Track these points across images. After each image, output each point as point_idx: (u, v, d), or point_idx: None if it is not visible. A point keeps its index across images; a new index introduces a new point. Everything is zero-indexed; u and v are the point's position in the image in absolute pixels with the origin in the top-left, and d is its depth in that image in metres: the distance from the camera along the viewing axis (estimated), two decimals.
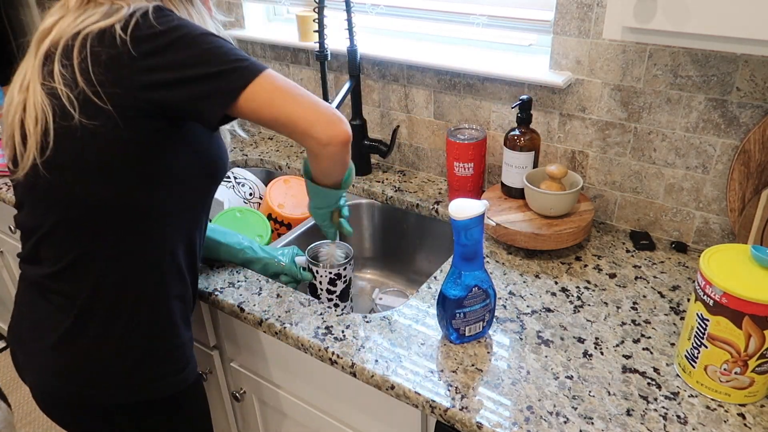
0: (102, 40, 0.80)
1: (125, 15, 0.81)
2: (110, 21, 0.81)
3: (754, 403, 0.86)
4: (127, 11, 0.81)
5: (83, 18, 0.83)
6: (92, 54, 0.80)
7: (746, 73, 1.05)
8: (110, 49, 0.80)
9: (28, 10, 2.27)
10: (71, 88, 0.81)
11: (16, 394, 2.13)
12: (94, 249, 0.88)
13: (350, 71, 1.44)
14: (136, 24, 0.80)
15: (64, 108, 0.81)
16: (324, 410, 1.14)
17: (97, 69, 0.80)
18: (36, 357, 0.94)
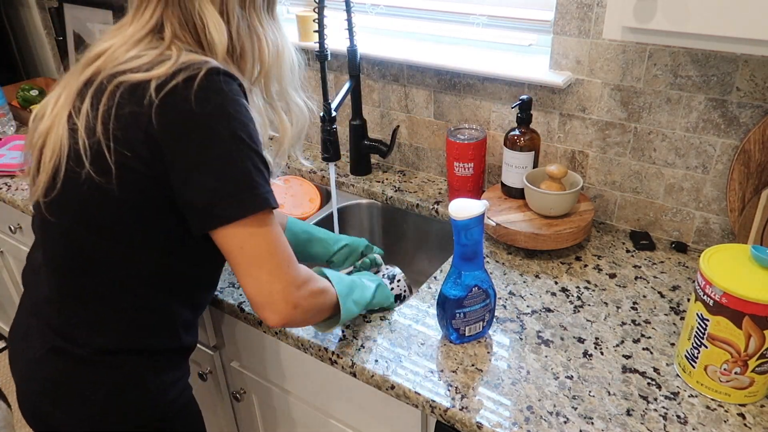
0: (133, 93, 0.75)
1: (167, 71, 0.74)
2: (150, 74, 0.75)
3: (754, 403, 0.86)
4: (171, 65, 0.75)
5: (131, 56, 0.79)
6: (118, 105, 0.76)
7: (746, 73, 1.05)
8: (135, 106, 0.75)
9: (28, 10, 2.27)
10: (89, 135, 0.77)
11: None
12: (88, 294, 0.86)
13: (350, 71, 1.44)
14: (173, 89, 0.74)
15: (78, 153, 0.77)
16: (324, 410, 1.14)
17: (116, 123, 0.76)
18: (20, 363, 0.93)
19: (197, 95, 0.74)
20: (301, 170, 1.62)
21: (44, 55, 2.34)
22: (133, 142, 0.75)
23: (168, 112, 0.74)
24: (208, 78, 0.75)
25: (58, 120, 0.80)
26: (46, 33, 2.26)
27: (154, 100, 0.74)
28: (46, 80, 2.18)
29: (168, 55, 0.77)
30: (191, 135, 0.75)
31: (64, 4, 2.05)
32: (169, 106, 0.74)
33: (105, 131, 0.76)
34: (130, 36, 0.82)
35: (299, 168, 1.63)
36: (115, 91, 0.76)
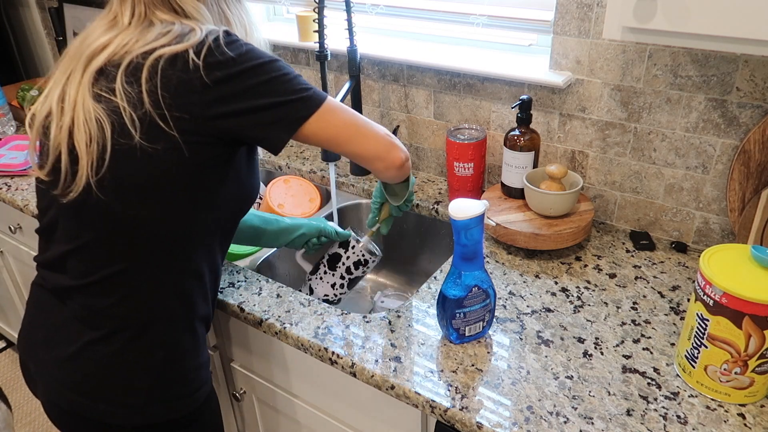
0: (174, 64, 0.81)
1: (198, 39, 0.82)
2: (185, 45, 0.81)
3: (754, 403, 0.86)
4: (200, 35, 0.83)
5: (151, 38, 0.83)
6: (163, 77, 0.80)
7: (746, 73, 1.05)
8: (182, 73, 0.80)
9: (28, 10, 2.27)
10: (135, 108, 0.80)
11: (16, 395, 2.13)
12: (127, 268, 0.87)
13: (350, 71, 1.44)
14: (209, 50, 0.81)
15: (124, 126, 0.80)
16: (324, 410, 1.14)
17: (166, 93, 0.80)
18: (48, 366, 0.92)
19: (229, 47, 0.83)
20: (301, 170, 1.62)
21: (44, 55, 2.34)
22: (190, 105, 0.81)
23: (214, 68, 0.81)
24: (227, 34, 0.85)
25: (81, 106, 0.82)
26: (46, 33, 2.26)
27: (199, 63, 0.80)
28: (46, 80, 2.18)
29: (191, 27, 0.84)
30: (243, 74, 0.83)
31: (64, 4, 2.05)
32: (212, 63, 0.81)
33: (155, 102, 0.80)
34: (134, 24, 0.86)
35: (299, 168, 1.63)
36: (155, 64, 0.81)
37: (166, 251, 0.89)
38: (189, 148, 0.83)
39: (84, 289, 0.89)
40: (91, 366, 0.89)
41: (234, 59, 0.82)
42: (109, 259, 0.87)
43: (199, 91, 0.81)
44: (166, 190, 0.84)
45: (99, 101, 0.82)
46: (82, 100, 0.82)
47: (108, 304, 0.88)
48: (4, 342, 2.37)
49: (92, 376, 0.89)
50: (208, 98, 0.81)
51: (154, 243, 0.87)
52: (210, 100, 0.82)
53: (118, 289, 0.88)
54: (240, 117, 0.84)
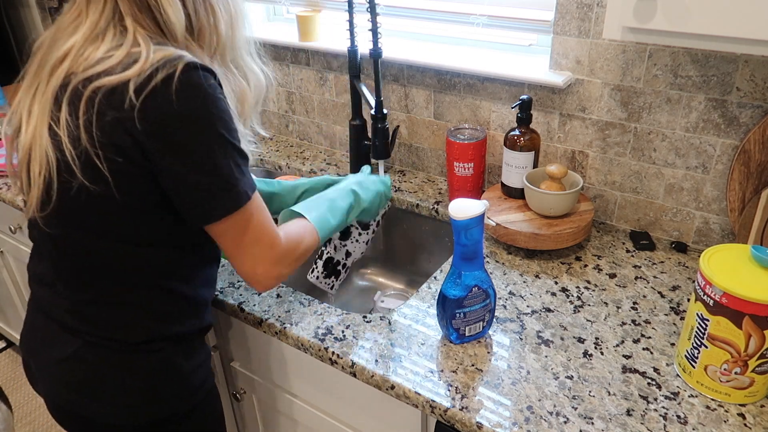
0: (111, 98, 0.74)
1: (145, 70, 0.74)
2: (126, 75, 0.74)
3: (754, 403, 0.86)
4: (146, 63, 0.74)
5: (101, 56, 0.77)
6: (98, 112, 0.75)
7: (746, 73, 1.05)
8: (117, 111, 0.74)
9: (28, 10, 2.27)
10: (75, 145, 0.76)
11: (16, 395, 2.13)
12: (106, 298, 0.87)
13: (350, 71, 1.44)
14: (153, 91, 0.73)
15: (68, 164, 0.77)
16: (324, 410, 1.14)
17: (100, 131, 0.75)
18: (48, 366, 0.93)
19: (178, 94, 0.74)
20: (301, 170, 1.62)
21: None
22: (122, 147, 0.76)
23: (150, 115, 0.74)
24: (186, 75, 0.74)
25: (39, 132, 0.79)
26: None
27: (135, 104, 0.73)
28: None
29: (137, 53, 0.76)
30: (176, 135, 0.76)
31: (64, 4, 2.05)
32: (150, 108, 0.74)
33: (90, 139, 0.75)
34: (92, 29, 0.79)
35: (299, 168, 1.63)
36: (93, 96, 0.75)
37: (137, 280, 0.87)
38: (123, 191, 0.78)
39: (77, 312, 0.89)
40: (88, 368, 0.90)
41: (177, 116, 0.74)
42: (89, 288, 0.87)
43: (129, 134, 0.75)
44: (119, 229, 0.82)
45: (50, 131, 0.78)
46: (39, 127, 0.79)
47: (102, 326, 0.88)
48: (4, 342, 2.37)
49: (89, 377, 0.90)
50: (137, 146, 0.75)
51: (123, 273, 0.86)
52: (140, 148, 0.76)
53: (105, 315, 0.88)
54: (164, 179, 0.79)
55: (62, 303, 0.90)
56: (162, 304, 0.90)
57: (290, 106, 1.74)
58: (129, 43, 0.77)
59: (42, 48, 0.85)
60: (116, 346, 0.89)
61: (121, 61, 0.76)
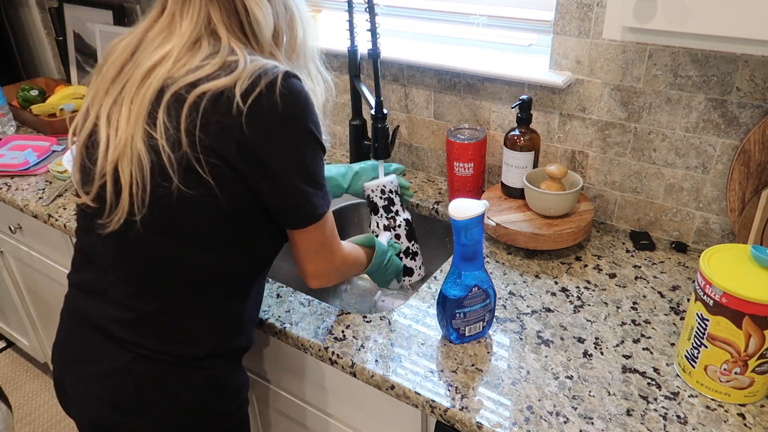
0: (217, 104, 0.75)
1: (247, 76, 0.75)
2: (230, 80, 0.75)
3: (754, 403, 0.86)
4: (246, 69, 0.75)
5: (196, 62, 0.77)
6: (203, 117, 0.75)
7: (746, 73, 1.05)
8: (223, 117, 0.75)
9: (28, 10, 2.27)
10: (174, 149, 0.75)
11: (16, 395, 2.13)
12: (170, 306, 0.86)
13: (350, 71, 1.44)
14: (259, 97, 0.75)
15: (164, 168, 0.76)
16: (324, 410, 1.14)
17: (204, 135, 0.75)
18: (86, 381, 0.89)
19: (282, 100, 0.76)
20: None
21: (44, 55, 2.34)
22: (226, 151, 0.76)
23: (258, 120, 0.76)
24: (286, 81, 0.77)
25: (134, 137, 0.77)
26: (46, 33, 2.26)
27: (243, 109, 0.74)
28: (46, 80, 2.18)
29: (235, 61, 0.77)
30: (282, 140, 0.78)
31: (64, 4, 2.05)
32: (257, 114, 0.75)
33: (192, 143, 0.75)
34: (188, 37, 0.79)
35: None
36: (198, 102, 0.75)
37: (209, 291, 0.87)
38: (225, 196, 0.78)
39: (127, 317, 0.86)
40: (134, 384, 0.87)
41: (282, 120, 0.77)
42: (150, 294, 0.85)
43: (236, 140, 0.75)
44: (206, 236, 0.82)
45: (145, 135, 0.77)
46: (131, 135, 0.77)
47: (155, 332, 0.86)
48: (4, 342, 2.37)
49: (135, 394, 0.87)
50: (242, 152, 0.76)
51: (197, 283, 0.85)
52: (244, 154, 0.76)
53: (164, 327, 0.86)
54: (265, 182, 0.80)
55: (113, 314, 0.86)
56: (223, 318, 0.90)
57: None
58: (226, 51, 0.79)
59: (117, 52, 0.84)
60: (170, 360, 0.87)
61: (220, 68, 0.77)
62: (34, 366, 2.26)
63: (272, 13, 0.82)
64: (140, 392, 0.87)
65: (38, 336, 2.05)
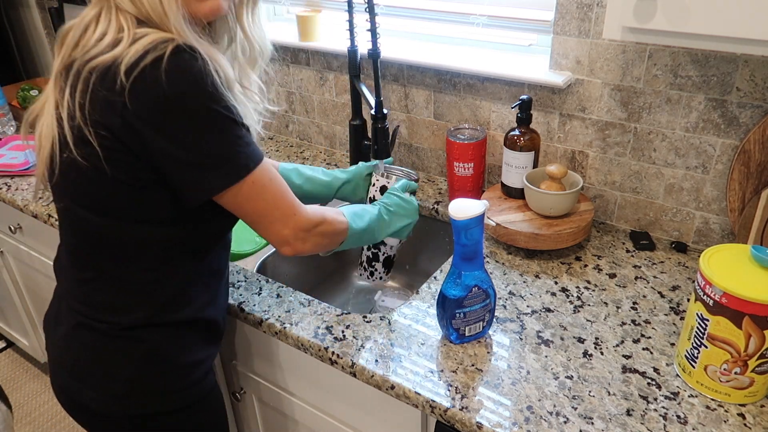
0: (104, 79, 0.76)
1: (134, 51, 0.75)
2: (115, 55, 0.76)
3: (754, 403, 0.86)
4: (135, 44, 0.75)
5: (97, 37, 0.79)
6: (92, 92, 0.77)
7: (746, 73, 1.05)
8: (108, 92, 0.76)
9: (28, 10, 2.27)
10: (71, 120, 0.79)
11: (17, 394, 2.13)
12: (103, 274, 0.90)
13: (350, 71, 1.44)
14: (142, 72, 0.74)
15: (65, 139, 0.80)
16: (324, 410, 1.14)
17: (92, 108, 0.77)
18: (51, 345, 0.97)
19: (168, 76, 0.74)
20: None
21: (44, 55, 2.34)
22: (111, 126, 0.77)
23: (140, 96, 0.75)
24: (175, 56, 0.75)
25: (47, 110, 0.83)
26: (46, 33, 2.26)
27: (126, 85, 0.74)
28: (46, 80, 2.18)
29: (122, 36, 0.78)
30: (167, 116, 0.76)
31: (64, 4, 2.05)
32: (140, 89, 0.74)
33: (83, 116, 0.78)
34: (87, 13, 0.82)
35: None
36: (88, 77, 0.77)
37: (136, 260, 0.88)
38: (112, 166, 0.80)
39: (77, 285, 0.92)
40: (80, 350, 0.92)
41: (166, 97, 0.75)
42: (87, 262, 0.90)
43: (119, 115, 0.76)
44: (110, 204, 0.84)
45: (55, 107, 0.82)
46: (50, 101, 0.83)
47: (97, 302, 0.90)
48: (4, 342, 2.37)
49: (81, 360, 0.92)
50: (128, 124, 0.76)
51: (123, 251, 0.88)
52: (129, 126, 0.77)
53: (101, 292, 0.90)
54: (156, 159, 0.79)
55: (65, 283, 0.94)
56: (156, 288, 0.90)
57: (290, 106, 1.74)
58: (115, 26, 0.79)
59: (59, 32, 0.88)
60: (106, 329, 0.90)
61: (112, 41, 0.78)
62: (34, 366, 2.26)
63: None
64: (83, 359, 0.92)
65: (38, 336, 2.05)
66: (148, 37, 0.77)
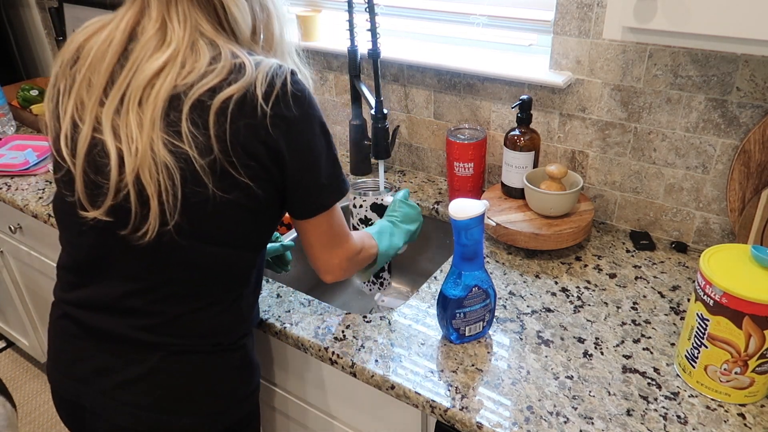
0: (242, 108, 0.76)
1: (263, 77, 0.77)
2: (247, 83, 0.76)
3: (754, 403, 0.86)
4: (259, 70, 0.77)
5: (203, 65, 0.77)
6: (231, 122, 0.76)
7: (746, 73, 1.05)
8: (250, 119, 0.77)
9: (28, 10, 2.27)
10: (203, 155, 0.76)
11: (18, 394, 2.13)
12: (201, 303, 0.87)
13: (350, 71, 1.44)
14: (278, 98, 0.78)
15: (196, 175, 0.76)
16: (324, 410, 1.14)
17: (235, 139, 0.76)
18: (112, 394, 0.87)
19: (294, 101, 0.79)
20: None
21: (44, 55, 2.34)
22: (257, 154, 0.79)
23: (279, 121, 0.79)
24: (294, 80, 0.80)
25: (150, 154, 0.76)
26: (46, 33, 2.26)
27: (267, 111, 0.77)
28: (46, 80, 2.18)
29: (241, 63, 0.78)
30: (300, 137, 0.81)
31: (64, 4, 2.05)
32: (278, 115, 0.78)
33: (223, 149, 0.76)
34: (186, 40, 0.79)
35: None
36: (224, 107, 0.76)
37: (234, 284, 0.90)
38: (262, 195, 0.82)
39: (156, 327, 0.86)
40: (171, 380, 0.87)
41: (297, 118, 0.80)
42: (178, 297, 0.85)
43: (263, 141, 0.78)
44: (239, 235, 0.85)
45: (167, 144, 0.76)
46: (149, 145, 0.76)
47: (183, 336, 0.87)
48: (4, 342, 2.38)
49: (173, 390, 0.87)
50: (269, 152, 0.79)
51: (225, 278, 0.88)
52: (271, 154, 0.79)
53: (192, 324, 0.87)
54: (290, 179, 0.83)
55: (137, 322, 0.85)
56: (246, 302, 0.93)
57: None
58: (228, 54, 0.79)
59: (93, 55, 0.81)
60: (210, 349, 0.89)
61: (231, 72, 0.77)
62: (34, 366, 2.26)
63: (249, 10, 0.84)
64: (176, 387, 0.88)
65: (38, 336, 2.05)
66: (264, 62, 0.79)
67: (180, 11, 0.79)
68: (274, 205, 0.86)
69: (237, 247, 0.86)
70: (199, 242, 0.82)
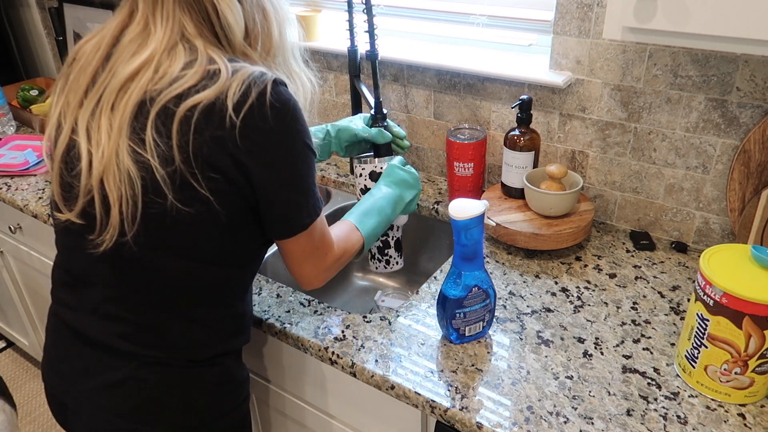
0: (209, 118, 0.73)
1: (237, 86, 0.73)
2: (218, 90, 0.73)
3: (754, 403, 0.86)
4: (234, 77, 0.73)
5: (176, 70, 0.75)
6: (195, 131, 0.73)
7: (746, 73, 1.05)
8: (217, 130, 0.73)
9: (28, 10, 2.27)
10: (165, 165, 0.73)
11: (17, 394, 2.13)
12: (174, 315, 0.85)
13: (350, 71, 1.44)
14: (251, 109, 0.73)
15: (157, 185, 0.74)
16: (324, 410, 1.14)
17: (198, 150, 0.73)
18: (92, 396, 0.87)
19: (273, 113, 0.75)
20: None
21: (44, 55, 2.34)
22: (222, 165, 0.75)
23: (251, 133, 0.75)
24: (275, 92, 0.76)
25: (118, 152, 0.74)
26: (46, 33, 2.26)
27: (236, 122, 0.73)
28: (46, 80, 2.18)
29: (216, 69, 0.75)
30: (274, 152, 0.77)
31: (64, 4, 2.05)
32: (250, 126, 0.74)
33: (185, 159, 0.73)
34: (165, 43, 0.77)
35: None
36: (189, 115, 0.73)
37: (211, 300, 0.87)
38: (225, 210, 0.78)
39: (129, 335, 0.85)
40: (143, 390, 0.85)
41: (273, 131, 0.76)
42: (151, 307, 0.84)
43: (230, 153, 0.74)
44: (204, 249, 0.81)
45: (131, 152, 0.74)
46: (115, 150, 0.74)
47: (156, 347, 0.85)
48: (4, 342, 2.38)
49: (147, 401, 0.86)
50: (237, 165, 0.76)
51: (199, 293, 0.85)
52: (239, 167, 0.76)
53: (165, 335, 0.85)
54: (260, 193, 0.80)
55: (114, 329, 0.84)
56: (225, 321, 0.91)
57: None
58: (204, 59, 0.76)
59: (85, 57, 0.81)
60: (181, 363, 0.87)
61: (203, 78, 0.74)
62: (34, 366, 2.26)
63: (243, 13, 0.80)
64: (151, 398, 0.86)
65: (38, 336, 2.05)
66: (244, 69, 0.75)
67: (164, 13, 0.77)
68: (246, 221, 0.82)
69: (202, 261, 0.82)
70: (161, 254, 0.80)
